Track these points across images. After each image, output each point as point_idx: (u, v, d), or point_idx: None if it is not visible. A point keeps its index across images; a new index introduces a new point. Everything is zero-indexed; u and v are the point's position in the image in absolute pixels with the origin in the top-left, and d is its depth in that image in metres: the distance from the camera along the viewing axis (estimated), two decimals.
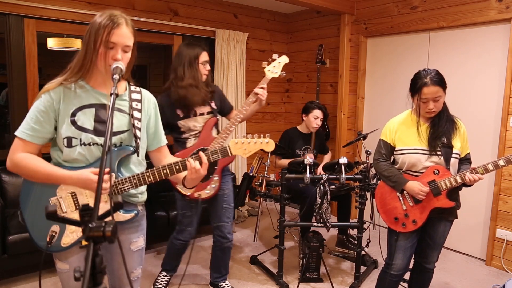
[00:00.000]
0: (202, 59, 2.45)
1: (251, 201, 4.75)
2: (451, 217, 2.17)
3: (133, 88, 1.58)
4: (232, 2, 4.58)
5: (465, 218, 3.55)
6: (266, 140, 1.54)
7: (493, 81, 3.34)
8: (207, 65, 2.49)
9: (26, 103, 3.37)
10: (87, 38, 1.39)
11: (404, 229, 2.14)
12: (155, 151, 1.67)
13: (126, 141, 1.51)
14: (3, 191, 3.14)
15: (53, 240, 1.43)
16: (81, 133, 1.43)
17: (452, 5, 3.49)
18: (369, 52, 4.31)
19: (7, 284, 2.87)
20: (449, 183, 2.02)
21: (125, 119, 1.52)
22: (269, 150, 1.53)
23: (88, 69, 1.42)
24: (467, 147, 2.18)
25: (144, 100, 1.59)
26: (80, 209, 0.92)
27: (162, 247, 3.61)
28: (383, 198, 2.21)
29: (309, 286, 2.95)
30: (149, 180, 1.48)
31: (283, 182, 2.87)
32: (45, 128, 1.41)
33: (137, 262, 1.66)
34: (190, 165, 1.48)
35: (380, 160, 2.22)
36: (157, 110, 1.65)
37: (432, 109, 2.03)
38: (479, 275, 3.21)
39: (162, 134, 1.68)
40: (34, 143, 1.41)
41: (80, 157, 1.43)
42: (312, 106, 3.52)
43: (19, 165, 1.40)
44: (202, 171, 1.49)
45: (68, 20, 3.46)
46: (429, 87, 1.99)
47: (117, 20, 1.38)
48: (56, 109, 1.41)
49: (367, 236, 3.55)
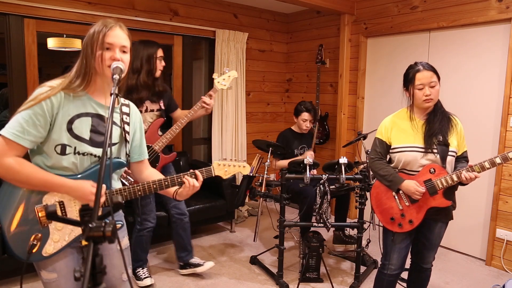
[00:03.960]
0: (159, 54, 2.71)
1: (251, 201, 4.75)
2: (447, 218, 2.15)
3: (123, 101, 1.59)
4: (232, 2, 4.58)
5: (465, 218, 3.55)
6: (243, 164, 1.73)
7: (493, 81, 3.34)
8: (162, 61, 2.73)
9: None
10: (84, 48, 1.41)
11: (401, 229, 2.11)
12: (137, 163, 1.69)
13: (115, 153, 1.53)
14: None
15: (33, 249, 1.38)
16: (76, 141, 1.41)
17: (452, 5, 3.49)
18: (369, 52, 4.31)
19: (7, 284, 2.86)
20: (445, 182, 2.00)
21: (117, 132, 1.53)
22: (245, 173, 1.74)
23: (90, 77, 1.42)
24: (464, 145, 2.15)
25: (132, 113, 1.61)
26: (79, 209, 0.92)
27: (162, 247, 3.62)
28: (379, 197, 2.18)
29: (309, 286, 2.95)
30: (139, 194, 1.52)
31: (283, 182, 2.87)
32: (40, 132, 1.36)
33: (126, 261, 1.67)
34: (189, 182, 1.57)
35: (375, 158, 2.18)
36: (142, 124, 1.69)
37: (429, 95, 2.01)
38: (479, 275, 3.21)
39: (145, 147, 1.71)
40: (24, 146, 1.34)
41: (71, 166, 1.41)
42: (301, 108, 3.53)
43: (10, 170, 1.33)
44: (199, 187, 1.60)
45: (68, 20, 3.46)
46: (423, 72, 2.01)
47: (109, 23, 1.40)
48: (54, 114, 1.38)
49: (367, 236, 3.55)
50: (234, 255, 3.49)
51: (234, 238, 3.89)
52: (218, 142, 4.50)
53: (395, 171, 2.13)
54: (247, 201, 4.71)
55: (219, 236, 3.92)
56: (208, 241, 3.77)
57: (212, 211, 3.74)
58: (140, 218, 2.85)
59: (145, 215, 2.84)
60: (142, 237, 2.87)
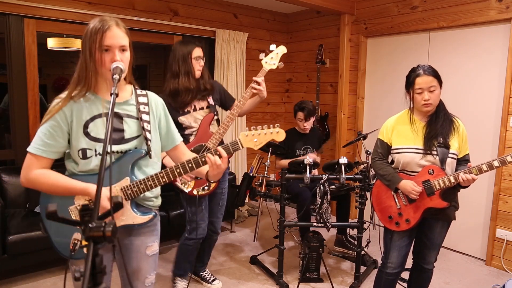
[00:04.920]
0: (195, 54, 2.49)
1: (251, 201, 4.75)
2: (449, 219, 2.16)
3: (139, 92, 1.58)
4: (232, 2, 4.58)
5: (465, 218, 3.55)
6: (276, 130, 1.51)
7: (493, 81, 3.34)
8: (200, 61, 2.52)
9: (26, 103, 3.37)
10: (83, 48, 1.40)
11: (398, 228, 2.14)
12: (172, 150, 1.67)
13: (139, 146, 1.52)
14: (3, 191, 3.14)
15: (76, 247, 1.45)
16: (95, 144, 1.44)
17: (452, 5, 3.49)
18: (369, 52, 4.31)
19: (7, 284, 2.87)
20: (442, 183, 2.01)
21: (135, 125, 1.52)
22: (280, 139, 1.51)
23: (92, 79, 1.42)
24: (466, 147, 2.15)
25: (151, 102, 1.59)
26: (80, 209, 0.93)
27: (162, 247, 3.61)
28: (379, 196, 2.22)
29: (309, 286, 2.96)
30: (163, 180, 1.49)
31: (283, 182, 2.87)
32: (59, 142, 1.42)
33: (152, 267, 1.66)
34: (211, 160, 1.48)
35: (376, 159, 2.24)
36: (166, 111, 1.65)
37: (428, 100, 2.02)
38: (479, 275, 3.21)
39: (175, 133, 1.68)
40: (49, 158, 1.43)
41: (97, 168, 1.45)
42: (296, 108, 3.53)
43: (37, 182, 1.42)
44: (223, 165, 1.50)
45: (68, 20, 3.46)
46: (423, 77, 2.01)
47: (106, 23, 1.38)
48: (69, 122, 1.42)
49: (367, 236, 3.55)
50: (234, 255, 3.49)
51: (234, 238, 3.89)
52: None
53: (396, 171, 2.16)
54: (247, 201, 4.71)
55: (219, 236, 3.92)
56: None
57: None
58: (189, 227, 2.60)
59: (194, 224, 2.58)
60: (187, 246, 2.64)
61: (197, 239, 2.61)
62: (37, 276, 2.98)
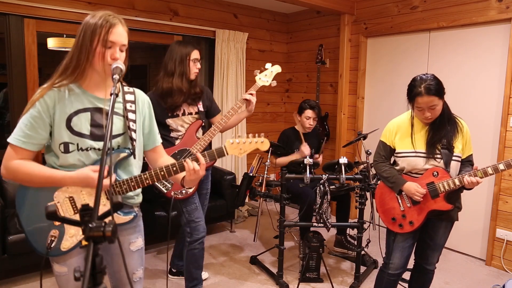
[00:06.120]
0: (193, 56, 2.48)
1: (251, 201, 4.75)
2: (452, 219, 2.16)
3: (126, 89, 1.55)
4: (232, 2, 4.58)
5: (465, 218, 3.55)
6: (261, 139, 1.53)
7: (493, 81, 3.33)
8: (197, 63, 2.52)
9: (26, 103, 3.33)
10: (81, 38, 1.37)
11: (401, 230, 2.14)
12: (151, 151, 1.67)
13: (122, 144, 1.50)
14: (3, 191, 3.14)
15: (52, 244, 1.42)
16: (78, 138, 1.41)
17: (452, 5, 3.49)
18: (369, 52, 4.31)
19: (7, 284, 2.87)
20: (447, 186, 2.01)
21: (121, 122, 1.50)
22: (264, 149, 1.53)
23: (83, 71, 1.39)
24: (470, 148, 2.14)
25: (138, 100, 1.57)
26: (80, 209, 0.92)
27: (162, 247, 3.61)
28: (382, 198, 2.22)
29: (309, 286, 2.95)
30: (147, 182, 1.48)
31: (283, 182, 2.87)
32: (40, 134, 1.38)
33: (138, 262, 1.65)
34: (189, 166, 1.47)
35: (379, 161, 2.23)
36: (151, 110, 1.64)
37: (428, 117, 2.01)
38: (479, 275, 3.21)
39: (157, 134, 1.67)
40: (29, 149, 1.38)
41: (78, 162, 1.42)
42: (305, 106, 3.50)
43: (15, 172, 1.38)
44: (201, 171, 1.49)
45: (68, 20, 3.46)
46: (423, 97, 1.95)
47: (113, 19, 1.38)
48: (51, 114, 1.38)
49: (367, 236, 3.55)
50: (234, 255, 3.49)
51: (234, 238, 3.89)
52: (218, 142, 4.50)
53: (400, 173, 2.15)
54: (247, 201, 4.71)
55: (219, 236, 3.92)
56: (208, 241, 3.77)
57: (212, 211, 3.74)
58: (189, 228, 2.48)
59: (194, 223, 2.48)
60: (195, 250, 2.49)
61: (200, 238, 2.52)
62: (37, 276, 2.98)
